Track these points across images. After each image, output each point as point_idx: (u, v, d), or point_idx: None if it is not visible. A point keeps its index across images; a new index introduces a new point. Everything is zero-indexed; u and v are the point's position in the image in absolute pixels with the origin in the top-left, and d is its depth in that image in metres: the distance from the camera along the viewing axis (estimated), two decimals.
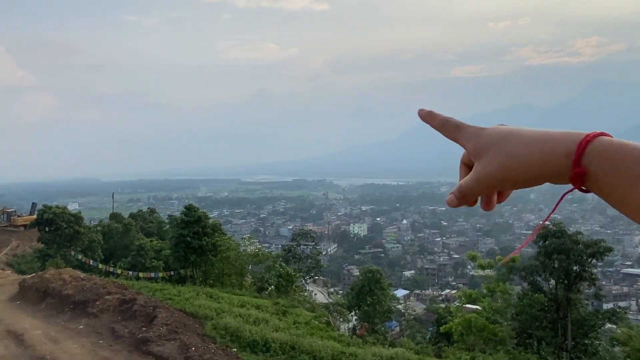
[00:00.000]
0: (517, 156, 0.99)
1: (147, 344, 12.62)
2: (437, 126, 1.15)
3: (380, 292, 38.57)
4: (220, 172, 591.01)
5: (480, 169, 1.04)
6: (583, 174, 0.92)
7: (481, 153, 1.04)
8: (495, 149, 1.02)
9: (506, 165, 1.00)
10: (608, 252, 27.11)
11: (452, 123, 1.12)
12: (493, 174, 1.01)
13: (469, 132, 1.09)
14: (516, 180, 1.01)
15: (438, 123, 1.14)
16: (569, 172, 0.94)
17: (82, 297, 16.95)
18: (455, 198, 1.08)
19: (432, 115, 1.16)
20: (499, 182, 1.02)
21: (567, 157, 0.93)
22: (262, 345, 14.06)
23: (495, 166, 1.01)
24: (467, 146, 1.08)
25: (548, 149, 0.96)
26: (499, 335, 25.28)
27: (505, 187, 1.04)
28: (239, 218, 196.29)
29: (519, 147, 0.99)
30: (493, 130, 1.06)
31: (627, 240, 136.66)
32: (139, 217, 56.93)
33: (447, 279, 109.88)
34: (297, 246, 49.77)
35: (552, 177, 0.98)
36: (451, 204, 1.09)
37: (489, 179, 1.02)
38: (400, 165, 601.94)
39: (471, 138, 1.07)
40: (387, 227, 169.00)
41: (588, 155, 0.92)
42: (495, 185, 1.03)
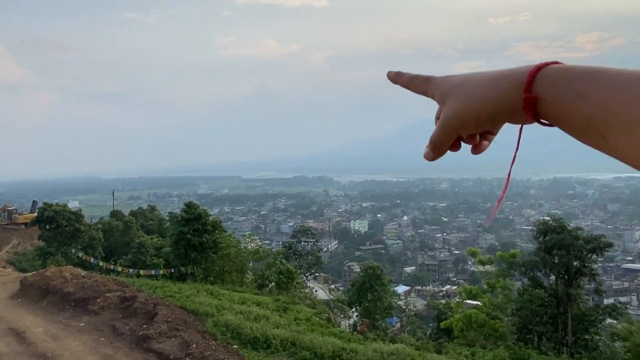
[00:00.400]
0: (475, 95, 1.01)
1: (148, 341, 12.64)
2: (406, 83, 1.17)
3: (381, 288, 38.64)
4: (221, 168, 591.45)
5: (443, 113, 1.06)
6: (534, 99, 0.91)
7: (445, 99, 1.06)
8: (455, 92, 1.04)
9: (466, 104, 1.02)
10: (608, 248, 27.12)
11: (420, 77, 1.15)
12: (455, 115, 1.03)
13: (436, 82, 1.11)
14: (477, 119, 1.01)
15: (407, 80, 1.17)
16: (522, 103, 0.93)
17: (83, 295, 16.97)
18: (430, 150, 1.09)
19: (400, 75, 1.19)
20: (462, 123, 1.03)
21: (519, 87, 0.93)
22: (263, 342, 14.08)
23: (456, 108, 1.03)
24: (435, 96, 1.10)
25: (504, 83, 0.96)
26: (500, 330, 25.33)
27: (468, 128, 1.03)
28: (240, 215, 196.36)
29: (477, 86, 1.01)
30: (456, 77, 1.08)
31: (628, 235, 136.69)
32: (139, 215, 56.99)
33: (447, 275, 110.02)
34: (297, 243, 49.80)
35: (509, 112, 0.97)
36: (427, 157, 1.11)
37: (452, 121, 1.04)
38: (400, 161, 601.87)
39: (437, 87, 1.09)
40: (387, 223, 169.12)
41: (538, 81, 0.91)
42: (458, 127, 1.04)
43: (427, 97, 1.13)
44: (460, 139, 1.10)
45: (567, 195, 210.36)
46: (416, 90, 1.16)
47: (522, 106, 0.93)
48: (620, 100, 0.81)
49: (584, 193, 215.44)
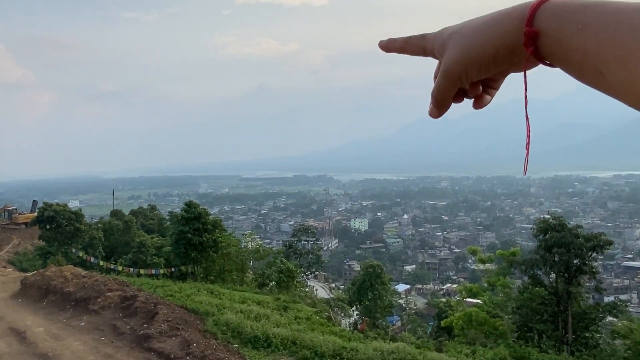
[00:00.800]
0: (476, 35, 0.96)
1: (148, 340, 12.65)
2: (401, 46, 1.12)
3: (381, 287, 38.65)
4: (221, 168, 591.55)
5: (444, 60, 1.00)
6: (534, 33, 0.87)
7: (445, 46, 1.01)
8: (456, 36, 1.00)
9: (467, 46, 0.96)
10: (608, 246, 27.06)
11: (415, 36, 1.10)
12: (456, 59, 0.98)
13: (433, 35, 1.06)
14: (479, 60, 0.95)
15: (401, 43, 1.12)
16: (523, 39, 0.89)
17: (83, 294, 16.98)
18: (433, 106, 1.05)
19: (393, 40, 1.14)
20: (464, 67, 0.97)
21: (521, 22, 0.89)
22: (263, 341, 14.09)
23: (456, 51, 0.98)
24: (434, 48, 1.04)
25: (505, 19, 0.92)
26: (500, 329, 25.34)
27: (471, 73, 0.98)
28: (240, 214, 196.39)
29: (477, 26, 0.97)
30: (454, 25, 1.04)
31: (628, 233, 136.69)
32: (139, 214, 57.02)
33: (448, 274, 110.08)
34: (298, 242, 49.82)
35: (512, 50, 0.92)
36: (432, 113, 1.07)
37: (454, 67, 0.98)
38: (400, 160, 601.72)
39: (436, 38, 1.04)
40: (387, 222, 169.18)
41: (540, 15, 0.87)
42: (460, 72, 0.98)
43: (426, 56, 1.09)
44: (462, 92, 1.06)
45: (567, 194, 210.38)
46: (413, 51, 1.10)
47: (523, 42, 0.89)
48: (618, 30, 0.78)
49: (584, 191, 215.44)
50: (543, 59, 0.90)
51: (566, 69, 0.89)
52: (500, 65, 0.96)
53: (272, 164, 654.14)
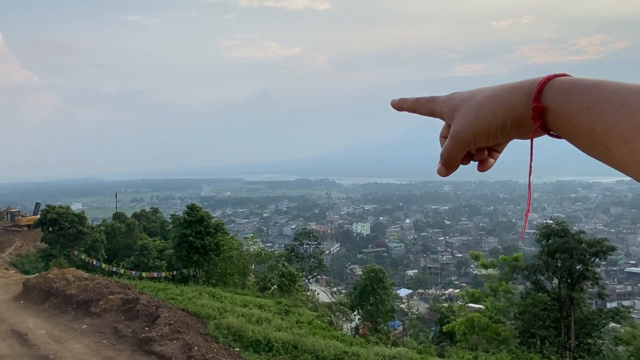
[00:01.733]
0: (486, 106, 1.02)
1: (150, 343, 12.65)
2: (411, 107, 1.20)
3: (383, 291, 38.54)
4: (223, 171, 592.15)
5: (453, 127, 1.08)
6: (542, 109, 0.94)
7: (454, 113, 1.08)
8: (466, 105, 1.06)
9: (476, 115, 1.03)
10: (611, 251, 26.98)
11: (424, 98, 1.18)
12: (465, 127, 1.05)
13: (442, 99, 1.13)
14: (488, 130, 1.02)
15: (411, 103, 1.20)
16: (531, 112, 0.95)
17: (85, 297, 17.00)
18: (442, 166, 1.13)
19: (404, 100, 1.22)
20: (473, 134, 1.04)
21: (528, 98, 0.96)
22: (264, 345, 14.07)
23: (466, 119, 1.05)
24: (443, 112, 1.12)
25: (514, 94, 0.99)
26: (502, 334, 25.25)
27: (479, 140, 1.05)
28: (242, 217, 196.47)
29: (487, 98, 1.03)
30: (463, 92, 1.11)
31: (631, 239, 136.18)
32: (142, 217, 57.04)
33: (450, 278, 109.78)
34: (299, 245, 49.76)
35: (519, 122, 0.99)
36: (440, 173, 1.15)
37: (462, 134, 1.05)
38: (403, 164, 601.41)
39: (445, 103, 1.12)
40: (390, 226, 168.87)
41: (546, 92, 0.94)
42: (469, 139, 1.05)
43: (434, 117, 1.16)
44: (469, 154, 1.13)
45: (570, 199, 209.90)
46: (422, 112, 1.17)
47: (531, 116, 0.95)
48: (622, 111, 0.84)
49: (587, 196, 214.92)
50: (549, 131, 0.96)
51: (573, 143, 0.95)
52: (507, 135, 1.03)
53: (275, 168, 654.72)
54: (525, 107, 0.96)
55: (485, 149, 1.13)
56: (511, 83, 1.01)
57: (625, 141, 0.83)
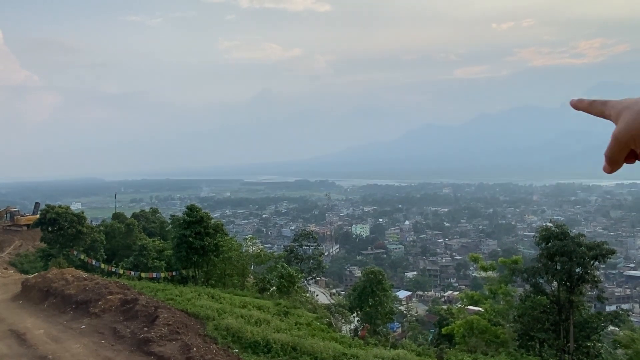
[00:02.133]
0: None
1: (148, 344, 12.63)
2: (586, 107, 1.39)
3: (382, 293, 38.53)
4: (223, 172, 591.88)
5: (616, 128, 1.26)
6: None
7: (619, 116, 1.27)
8: (629, 109, 1.25)
9: (635, 119, 1.21)
10: (611, 255, 26.98)
11: (598, 102, 1.37)
12: (625, 129, 1.23)
13: (612, 104, 1.32)
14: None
15: (587, 105, 1.39)
16: None
17: (84, 297, 16.97)
18: (607, 164, 1.31)
19: (581, 100, 1.41)
20: (630, 136, 1.22)
21: None
22: (263, 346, 14.05)
23: (626, 122, 1.23)
24: (611, 115, 1.30)
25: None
26: (501, 337, 25.24)
27: (638, 143, 1.23)
28: (242, 218, 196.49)
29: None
30: (630, 98, 1.29)
31: (630, 242, 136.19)
32: (141, 217, 57.03)
33: (449, 281, 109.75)
34: (299, 247, 49.70)
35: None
36: (605, 170, 1.34)
37: (622, 135, 1.23)
38: (402, 166, 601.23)
39: (614, 107, 1.30)
40: (389, 228, 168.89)
41: None
42: (628, 140, 1.23)
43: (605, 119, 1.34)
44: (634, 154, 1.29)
45: (570, 202, 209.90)
46: (594, 113, 1.37)
47: None
48: None
49: (587, 199, 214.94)
50: None
51: None
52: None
53: (275, 169, 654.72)
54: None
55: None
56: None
57: None
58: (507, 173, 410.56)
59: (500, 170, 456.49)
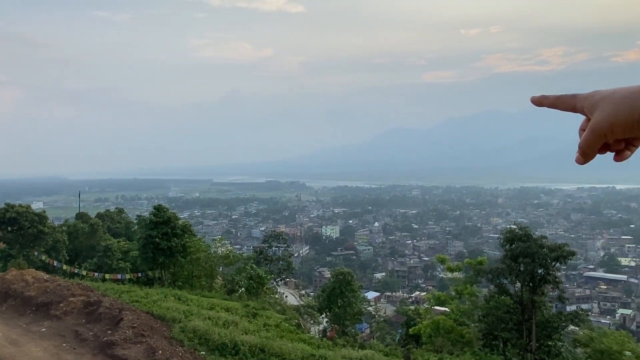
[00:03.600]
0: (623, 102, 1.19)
1: (112, 347, 12.34)
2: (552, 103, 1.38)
3: (351, 294, 38.73)
4: (192, 172, 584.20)
5: (593, 119, 1.25)
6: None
7: (595, 107, 1.25)
8: (606, 100, 1.23)
9: (615, 110, 1.20)
10: (571, 256, 27.82)
11: (566, 95, 1.36)
12: (604, 120, 1.22)
13: (584, 96, 1.30)
14: (624, 124, 1.20)
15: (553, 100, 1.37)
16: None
17: (45, 299, 16.45)
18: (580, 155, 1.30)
19: (545, 97, 1.40)
20: (609, 127, 1.22)
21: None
22: (231, 348, 13.92)
23: (606, 113, 1.22)
24: (584, 107, 1.29)
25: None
26: (466, 337, 25.71)
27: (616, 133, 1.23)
28: (210, 219, 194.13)
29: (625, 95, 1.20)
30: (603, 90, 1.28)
31: (590, 244, 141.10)
32: (106, 217, 55.66)
33: (417, 281, 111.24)
34: (268, 248, 49.46)
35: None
36: (578, 161, 1.33)
37: (601, 126, 1.22)
38: (373, 168, 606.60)
39: (587, 99, 1.29)
40: (359, 229, 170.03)
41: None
42: (606, 131, 1.23)
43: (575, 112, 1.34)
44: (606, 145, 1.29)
45: (533, 205, 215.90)
46: (563, 107, 1.35)
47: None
48: None
49: (549, 203, 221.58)
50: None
51: None
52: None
53: (245, 169, 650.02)
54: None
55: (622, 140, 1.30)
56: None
57: None
58: (473, 176, 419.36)
59: (467, 173, 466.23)
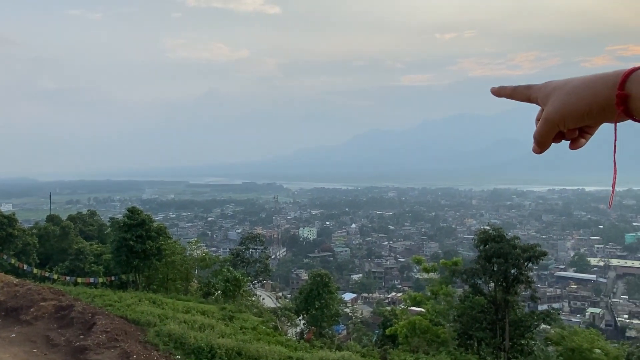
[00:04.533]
0: (574, 92, 1.22)
1: (85, 352, 12.08)
2: (509, 94, 1.41)
3: (329, 295, 38.78)
4: (167, 173, 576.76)
5: (546, 110, 1.29)
6: (625, 96, 1.13)
7: (547, 97, 1.29)
8: (557, 91, 1.27)
9: (566, 101, 1.23)
10: (543, 256, 28.47)
11: (522, 86, 1.39)
12: (556, 110, 1.26)
13: (538, 87, 1.34)
14: (575, 114, 1.23)
15: (510, 91, 1.41)
16: (615, 98, 1.15)
17: (14, 304, 16.01)
18: (536, 145, 1.34)
19: (503, 88, 1.43)
20: (561, 117, 1.25)
21: (614, 86, 1.15)
22: (207, 352, 13.79)
23: (557, 103, 1.26)
24: (538, 97, 1.33)
25: (600, 82, 1.19)
26: (442, 336, 26.04)
27: (568, 123, 1.26)
28: (186, 221, 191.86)
29: (576, 86, 1.23)
30: (556, 80, 1.32)
31: (561, 244, 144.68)
32: (78, 220, 54.48)
33: (393, 282, 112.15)
34: (245, 250, 49.11)
35: (604, 107, 1.18)
36: (535, 151, 1.38)
37: (553, 116, 1.26)
38: (350, 169, 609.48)
39: (540, 90, 1.33)
40: (336, 231, 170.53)
41: (630, 81, 1.13)
42: (558, 121, 1.26)
43: (530, 103, 1.37)
44: (561, 134, 1.33)
45: (506, 206, 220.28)
46: (519, 98, 1.39)
47: (615, 102, 1.15)
48: None
49: (521, 204, 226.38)
50: (632, 116, 1.16)
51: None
52: (594, 119, 1.23)
53: (221, 171, 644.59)
54: (610, 94, 1.16)
55: (576, 129, 1.33)
56: (599, 73, 1.22)
57: None
58: (448, 178, 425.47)
59: (442, 175, 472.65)
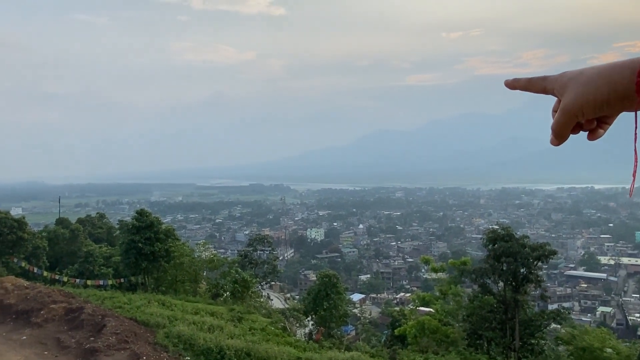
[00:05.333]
0: (592, 82, 1.20)
1: (95, 354, 12.15)
2: (524, 86, 1.39)
3: (337, 296, 38.72)
4: (175, 176, 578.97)
5: (563, 101, 1.27)
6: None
7: (564, 88, 1.27)
8: (574, 82, 1.25)
9: (584, 90, 1.21)
10: (553, 255, 28.27)
11: (537, 77, 1.37)
12: (573, 101, 1.23)
13: (553, 78, 1.32)
14: (594, 103, 1.21)
15: (524, 83, 1.39)
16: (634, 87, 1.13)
17: (25, 307, 16.14)
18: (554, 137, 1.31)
19: (517, 80, 1.41)
20: (580, 107, 1.23)
21: (632, 74, 1.13)
22: (216, 353, 13.82)
23: (574, 94, 1.23)
24: (555, 89, 1.31)
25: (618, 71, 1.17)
26: (451, 336, 25.93)
27: (586, 113, 1.24)
28: (194, 223, 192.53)
29: (593, 75, 1.21)
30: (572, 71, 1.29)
31: (570, 243, 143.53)
32: (87, 223, 54.82)
33: (401, 283, 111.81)
34: (253, 251, 49.16)
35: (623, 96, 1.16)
36: (552, 143, 1.35)
37: (571, 107, 1.24)
38: (356, 170, 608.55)
39: (556, 80, 1.31)
40: (343, 231, 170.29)
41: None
42: (577, 112, 1.24)
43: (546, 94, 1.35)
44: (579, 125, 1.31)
45: (515, 205, 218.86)
46: (535, 90, 1.37)
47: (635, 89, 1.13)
48: None
49: (530, 203, 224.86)
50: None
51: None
52: (613, 108, 1.21)
53: (228, 173, 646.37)
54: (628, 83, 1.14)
55: (594, 120, 1.31)
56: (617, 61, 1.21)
57: None
58: (456, 177, 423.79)
59: (449, 175, 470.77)
